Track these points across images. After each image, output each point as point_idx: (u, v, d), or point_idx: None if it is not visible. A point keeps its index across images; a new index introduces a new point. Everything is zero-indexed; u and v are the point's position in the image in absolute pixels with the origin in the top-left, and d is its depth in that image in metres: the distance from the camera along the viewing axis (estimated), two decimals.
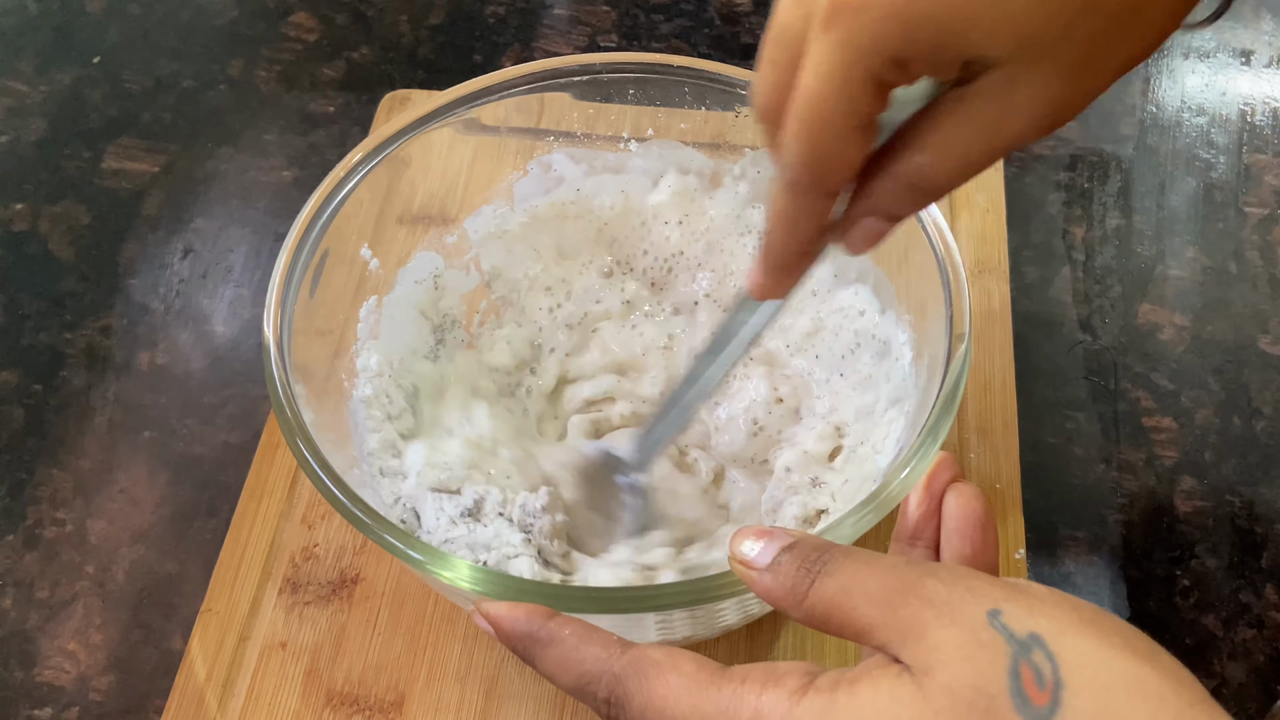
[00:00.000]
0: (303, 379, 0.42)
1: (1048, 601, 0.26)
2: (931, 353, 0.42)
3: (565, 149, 0.52)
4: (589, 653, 0.30)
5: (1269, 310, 0.58)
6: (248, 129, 0.66)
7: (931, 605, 0.26)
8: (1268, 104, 0.66)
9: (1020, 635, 0.25)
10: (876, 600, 0.27)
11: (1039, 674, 0.24)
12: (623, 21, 0.71)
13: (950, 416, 0.38)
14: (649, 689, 0.29)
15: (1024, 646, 0.25)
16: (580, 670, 0.30)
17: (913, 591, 0.27)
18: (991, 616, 0.26)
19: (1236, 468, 0.53)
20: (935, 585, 0.27)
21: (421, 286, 0.50)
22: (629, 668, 0.29)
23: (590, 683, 0.30)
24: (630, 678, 0.29)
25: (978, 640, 0.25)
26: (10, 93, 0.68)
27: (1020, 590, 0.26)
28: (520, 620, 0.32)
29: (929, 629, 0.26)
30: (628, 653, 0.30)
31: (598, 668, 0.30)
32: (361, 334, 0.47)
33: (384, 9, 0.72)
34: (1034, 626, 0.25)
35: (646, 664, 0.29)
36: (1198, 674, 0.25)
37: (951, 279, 0.42)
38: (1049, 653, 0.25)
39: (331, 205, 0.45)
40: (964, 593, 0.26)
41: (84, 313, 0.59)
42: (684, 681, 0.28)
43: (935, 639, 0.26)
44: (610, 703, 0.30)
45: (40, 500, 0.53)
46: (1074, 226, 0.61)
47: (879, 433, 0.45)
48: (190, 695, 0.46)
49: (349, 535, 0.50)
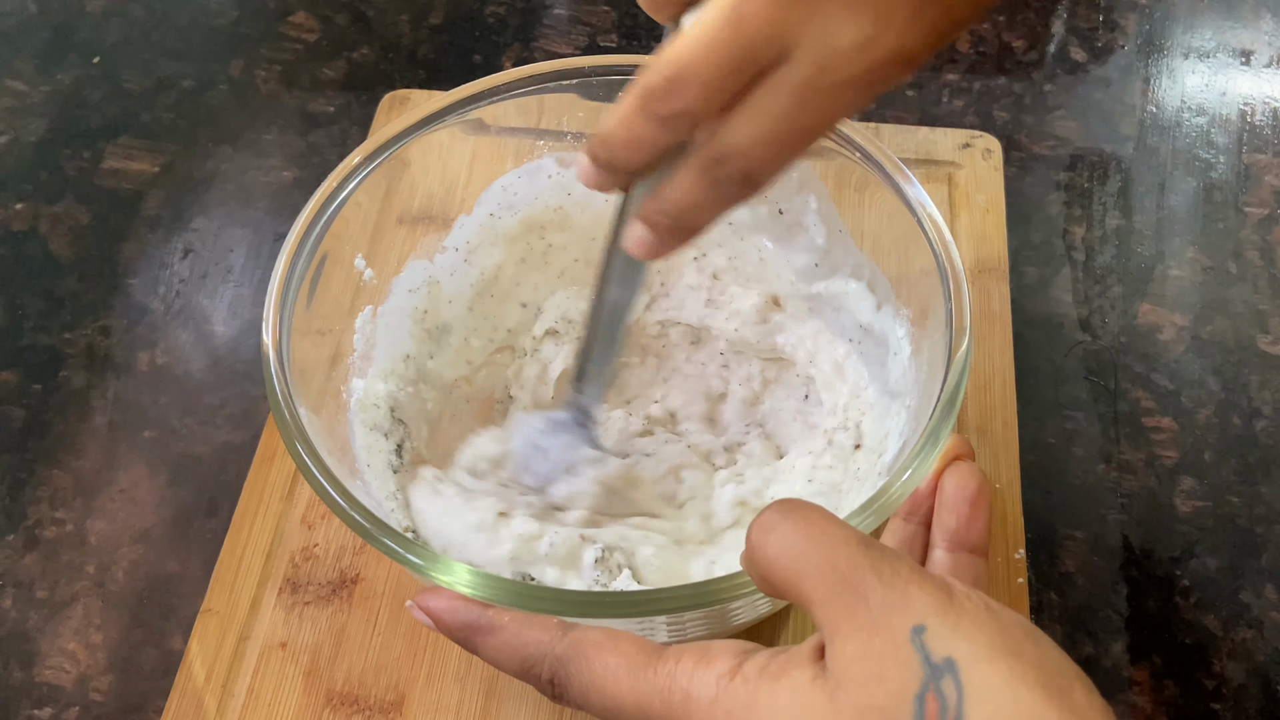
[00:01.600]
0: (301, 382, 0.42)
1: (976, 621, 0.26)
2: (931, 351, 0.42)
3: (565, 151, 0.52)
4: (530, 636, 0.32)
5: (1269, 310, 0.58)
6: (248, 129, 0.66)
7: (865, 604, 0.27)
8: (1268, 104, 0.66)
9: (935, 659, 0.25)
10: (819, 579, 0.28)
11: (944, 704, 0.25)
12: (623, 21, 0.71)
13: (951, 418, 0.38)
14: (589, 670, 0.30)
15: (937, 671, 0.25)
16: (523, 655, 0.31)
17: (852, 580, 0.27)
18: (915, 633, 0.26)
19: (1236, 468, 0.53)
20: (874, 582, 0.27)
21: (415, 295, 0.50)
22: (570, 650, 0.31)
23: (534, 665, 0.31)
24: (572, 660, 0.30)
25: (896, 658, 0.26)
26: (10, 93, 0.68)
27: (954, 604, 0.27)
28: (460, 610, 0.33)
29: (856, 633, 0.26)
30: (568, 635, 0.31)
31: (540, 651, 0.31)
32: (358, 344, 0.48)
33: (384, 9, 0.72)
34: (951, 650, 0.25)
35: (587, 645, 0.30)
36: (1197, 674, 0.25)
37: (951, 280, 0.42)
38: (959, 682, 0.25)
39: (330, 208, 0.45)
40: (898, 598, 0.27)
41: (84, 313, 0.59)
42: (623, 662, 0.30)
43: (857, 647, 0.26)
44: (554, 683, 0.31)
45: (40, 500, 0.53)
46: (1074, 226, 0.61)
47: (879, 427, 0.45)
48: (190, 695, 0.46)
49: (349, 535, 0.50)
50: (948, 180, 0.60)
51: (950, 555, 0.36)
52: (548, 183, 0.52)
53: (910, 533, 0.38)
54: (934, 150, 0.61)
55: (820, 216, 0.50)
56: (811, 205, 0.50)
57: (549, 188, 0.52)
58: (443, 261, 0.51)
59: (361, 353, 0.47)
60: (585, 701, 0.30)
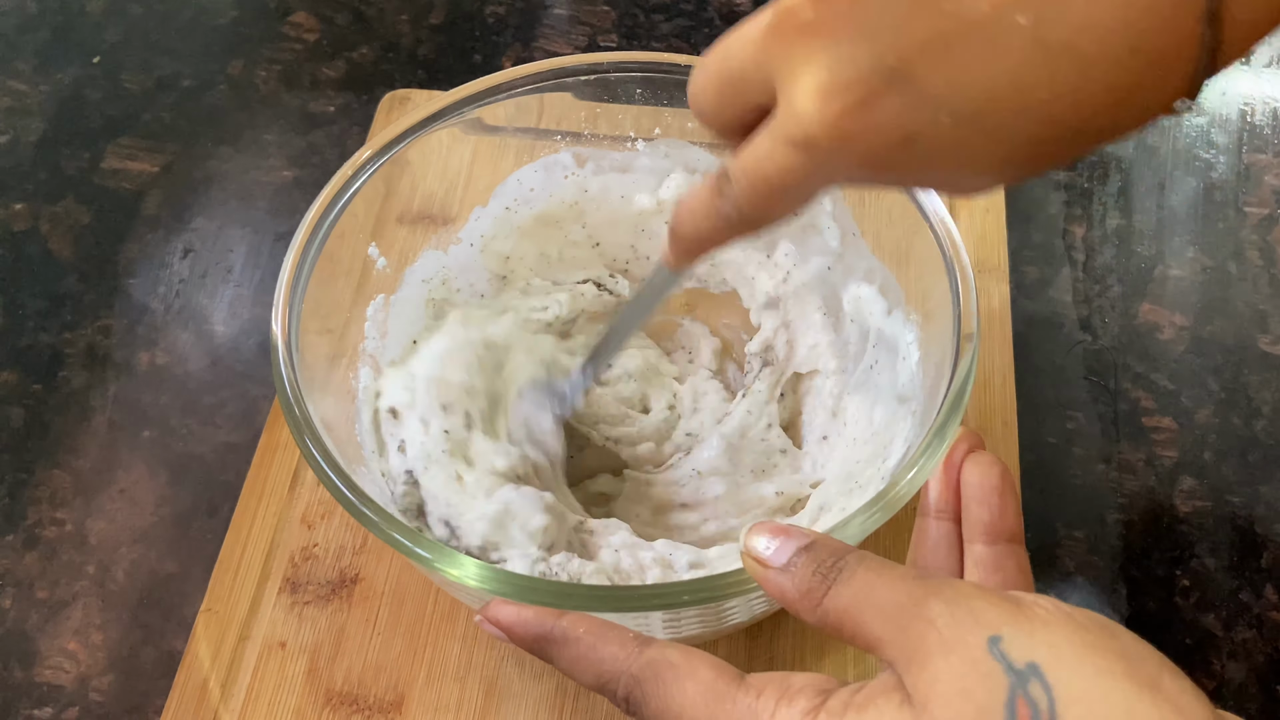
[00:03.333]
0: (309, 376, 0.42)
1: (1050, 625, 0.26)
2: (939, 353, 0.42)
3: (571, 148, 0.52)
4: (607, 652, 0.31)
5: (1269, 310, 0.58)
6: (248, 129, 0.66)
7: (934, 628, 0.26)
8: (1268, 104, 0.66)
9: (1018, 665, 0.25)
10: (885, 615, 0.27)
11: (1035, 709, 0.24)
12: (623, 21, 0.71)
13: (958, 417, 0.38)
14: (666, 694, 0.29)
15: (1021, 677, 0.25)
16: (599, 670, 0.31)
17: (919, 610, 0.27)
18: (992, 644, 0.26)
19: (1236, 468, 0.53)
20: (939, 606, 0.27)
21: (428, 285, 0.50)
22: (646, 670, 0.30)
23: (609, 682, 0.31)
24: (648, 680, 0.30)
25: (977, 671, 0.25)
26: (10, 93, 0.68)
27: (1024, 612, 0.26)
28: (531, 623, 0.32)
29: (931, 657, 0.26)
30: (645, 653, 0.30)
31: (615, 668, 0.30)
32: (369, 332, 0.48)
33: (384, 9, 0.72)
34: (1033, 655, 0.25)
35: (664, 667, 0.30)
36: (1197, 674, 0.25)
37: (959, 280, 0.42)
38: (1046, 684, 0.25)
39: (341, 201, 0.45)
40: (966, 615, 0.26)
41: (84, 313, 0.59)
42: (700, 689, 0.29)
43: (936, 669, 0.26)
44: (629, 701, 0.30)
45: (40, 500, 0.53)
46: (1074, 226, 0.61)
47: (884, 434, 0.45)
48: (190, 695, 0.46)
49: (349, 535, 0.50)
50: None
51: (990, 548, 0.35)
52: (563, 177, 0.52)
53: (946, 530, 0.37)
54: None
55: (835, 219, 0.50)
56: (826, 208, 0.50)
57: (564, 182, 0.52)
58: (457, 253, 0.51)
59: (372, 342, 0.48)
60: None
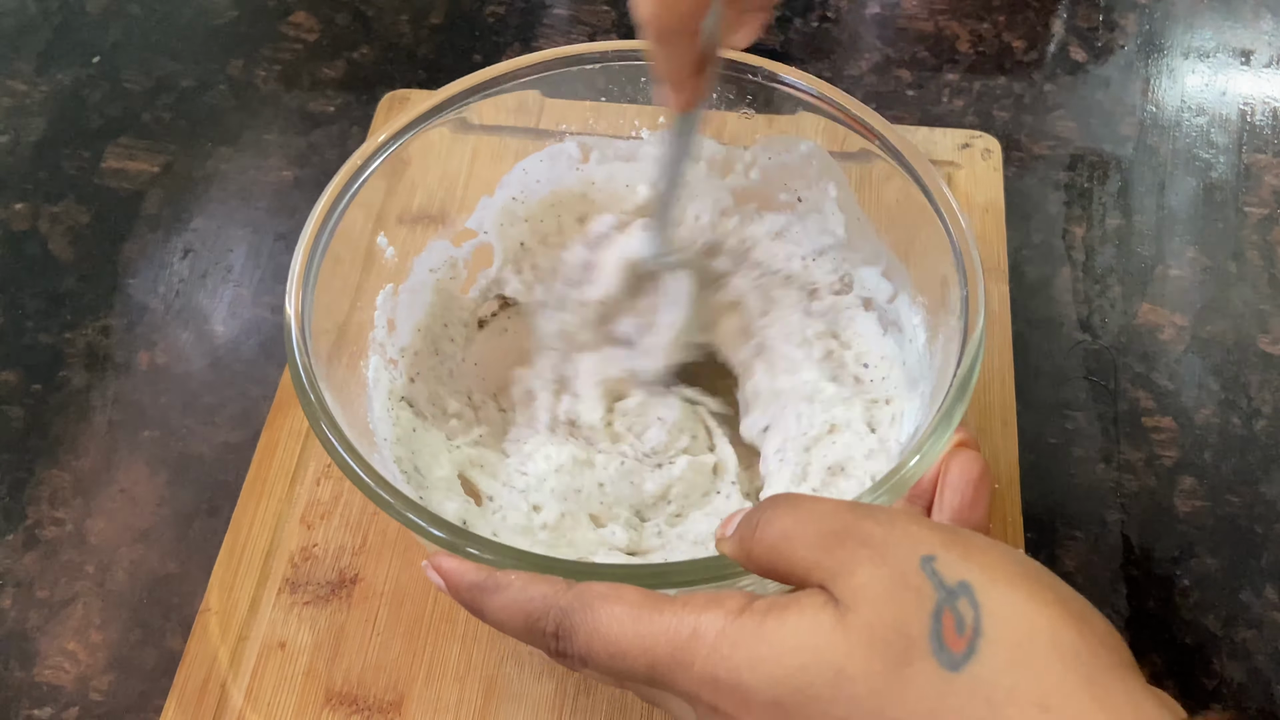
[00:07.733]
0: (320, 366, 0.42)
1: (986, 551, 0.26)
2: (946, 337, 0.42)
3: (578, 137, 0.52)
4: (535, 591, 0.31)
5: (1269, 310, 0.58)
6: (247, 129, 0.66)
7: (866, 545, 0.27)
8: (1268, 104, 0.66)
9: (949, 582, 0.25)
10: (814, 544, 0.28)
11: (960, 621, 0.25)
12: (623, 21, 0.71)
13: (965, 401, 0.38)
14: (594, 618, 0.30)
15: (951, 594, 0.25)
16: (528, 610, 0.31)
17: (850, 533, 0.27)
18: (925, 561, 0.26)
19: (1236, 468, 0.53)
20: (872, 526, 0.27)
21: (436, 274, 0.51)
22: (575, 600, 0.30)
23: (538, 620, 0.31)
24: (576, 610, 0.30)
25: (905, 583, 0.26)
26: (10, 93, 0.68)
27: (960, 538, 0.27)
28: (469, 571, 0.33)
29: (860, 567, 0.26)
30: (574, 588, 0.31)
31: (544, 604, 0.31)
32: (378, 320, 0.48)
33: (384, 9, 0.72)
34: (965, 575, 0.25)
35: (591, 595, 0.30)
36: (1197, 674, 0.25)
37: (966, 263, 0.42)
38: (975, 601, 0.25)
39: (354, 187, 0.45)
40: (900, 535, 0.27)
41: (84, 313, 0.59)
42: (628, 609, 0.29)
43: (864, 577, 0.26)
44: (558, 636, 0.30)
45: (40, 500, 0.53)
46: (1074, 226, 0.61)
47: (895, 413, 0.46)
48: (190, 695, 0.46)
49: (348, 535, 0.50)
50: (947, 180, 0.60)
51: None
52: (569, 167, 0.52)
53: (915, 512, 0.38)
54: (934, 150, 0.61)
55: (839, 205, 0.50)
56: (831, 193, 0.50)
57: (570, 172, 0.52)
58: (462, 239, 0.52)
59: (382, 329, 0.48)
60: (589, 652, 0.30)
